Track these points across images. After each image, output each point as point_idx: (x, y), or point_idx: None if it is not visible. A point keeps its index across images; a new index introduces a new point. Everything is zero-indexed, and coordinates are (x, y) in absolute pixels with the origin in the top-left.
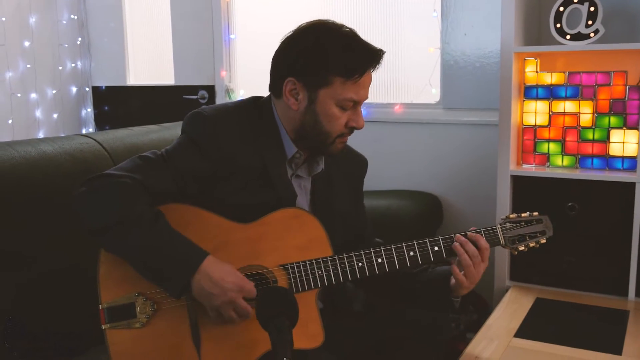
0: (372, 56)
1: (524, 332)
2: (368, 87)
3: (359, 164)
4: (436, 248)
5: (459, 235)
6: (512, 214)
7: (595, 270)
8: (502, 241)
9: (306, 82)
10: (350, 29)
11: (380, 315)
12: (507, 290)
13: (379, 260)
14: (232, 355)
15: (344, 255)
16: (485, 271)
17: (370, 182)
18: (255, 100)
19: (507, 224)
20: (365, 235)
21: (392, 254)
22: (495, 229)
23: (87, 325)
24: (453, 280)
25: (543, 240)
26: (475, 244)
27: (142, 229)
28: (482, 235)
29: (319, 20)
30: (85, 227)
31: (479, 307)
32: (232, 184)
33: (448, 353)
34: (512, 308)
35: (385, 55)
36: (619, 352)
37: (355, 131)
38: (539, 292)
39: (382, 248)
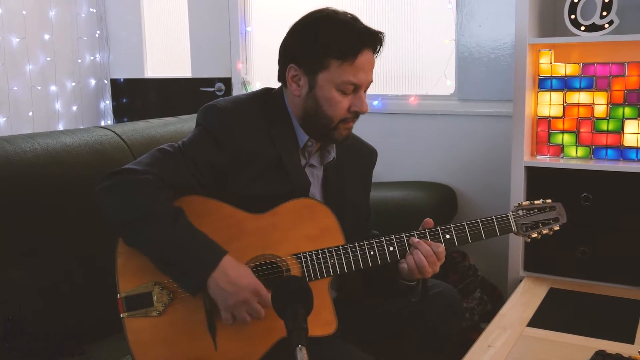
0: (366, 37)
1: (537, 321)
2: (369, 71)
3: (369, 154)
4: (448, 236)
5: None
6: (525, 201)
7: (609, 261)
8: (514, 228)
9: (306, 67)
10: (349, 14)
11: (395, 303)
12: (521, 281)
13: (391, 248)
14: (247, 342)
15: (356, 244)
16: (500, 262)
17: (386, 173)
18: (267, 92)
19: (520, 212)
20: (365, 227)
21: (404, 241)
22: (508, 216)
23: (105, 314)
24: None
25: (556, 227)
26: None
27: (163, 225)
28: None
29: (321, 8)
30: (107, 221)
31: (494, 297)
32: (248, 174)
33: (462, 342)
34: (525, 298)
35: (400, 47)
36: (631, 341)
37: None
38: (553, 282)
39: (393, 236)
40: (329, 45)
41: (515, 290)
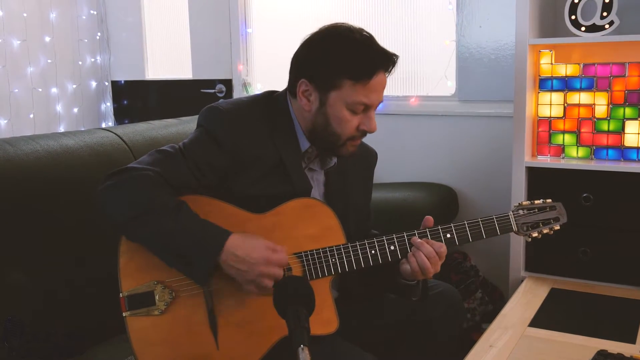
0: (381, 60)
1: (538, 321)
2: (381, 91)
3: (369, 157)
4: (448, 235)
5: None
6: (526, 201)
7: (610, 261)
8: (514, 228)
9: (318, 84)
10: (365, 34)
11: (396, 303)
12: (522, 281)
13: (392, 247)
14: (249, 341)
15: (357, 243)
16: (501, 262)
17: (386, 174)
18: (269, 95)
19: (520, 211)
20: (365, 227)
21: (405, 241)
22: (508, 215)
23: (106, 317)
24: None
25: (557, 227)
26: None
27: (167, 217)
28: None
29: (336, 23)
30: (111, 220)
31: (495, 297)
32: (248, 176)
33: (463, 343)
34: (526, 298)
35: (401, 48)
36: (632, 341)
37: (375, 132)
38: (554, 283)
39: (394, 235)
40: (344, 66)
41: (516, 290)
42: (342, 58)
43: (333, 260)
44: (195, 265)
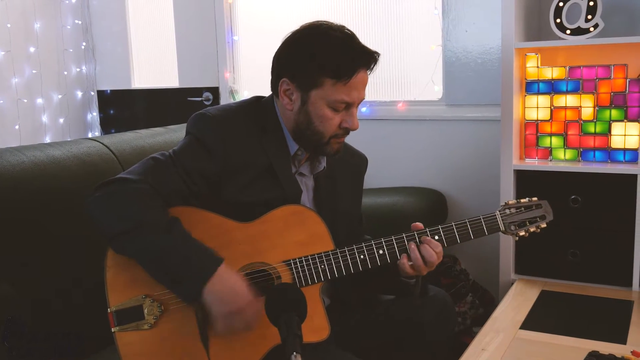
0: (361, 58)
1: (529, 324)
2: (362, 89)
3: (360, 162)
4: (437, 237)
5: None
6: (512, 200)
7: (599, 262)
8: (501, 227)
9: (299, 83)
10: (346, 31)
11: (388, 309)
12: (512, 284)
13: (380, 252)
14: (241, 351)
15: (345, 249)
16: (491, 265)
17: (375, 179)
18: (257, 100)
19: (507, 210)
20: (357, 232)
21: (393, 245)
22: (495, 215)
23: (97, 329)
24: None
25: (543, 225)
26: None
27: (159, 233)
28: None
29: (316, 22)
30: (101, 232)
31: (485, 301)
32: (239, 182)
33: (455, 347)
34: (517, 301)
35: (387, 53)
36: (623, 341)
37: (359, 128)
38: (544, 285)
39: (382, 239)
40: (324, 65)
41: (507, 293)
42: (323, 57)
43: (322, 266)
44: (185, 285)
